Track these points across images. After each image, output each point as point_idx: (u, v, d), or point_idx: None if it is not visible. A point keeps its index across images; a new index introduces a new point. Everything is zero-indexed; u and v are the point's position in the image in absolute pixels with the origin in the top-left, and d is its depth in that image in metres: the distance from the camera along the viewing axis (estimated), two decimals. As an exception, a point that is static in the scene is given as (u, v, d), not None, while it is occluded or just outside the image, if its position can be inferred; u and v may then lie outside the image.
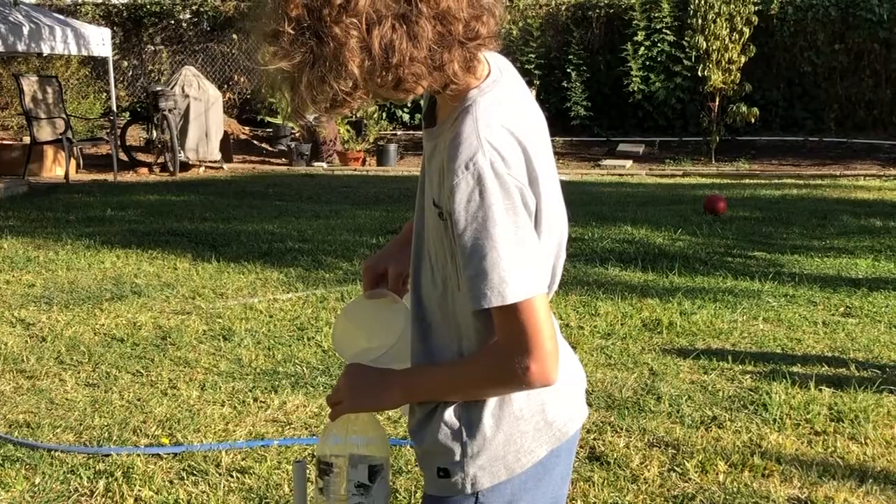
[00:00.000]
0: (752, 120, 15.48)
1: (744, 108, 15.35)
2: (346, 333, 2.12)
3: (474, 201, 1.66)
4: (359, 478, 2.04)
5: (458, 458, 1.86)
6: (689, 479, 3.49)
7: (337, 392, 1.97)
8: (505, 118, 1.72)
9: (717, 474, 3.52)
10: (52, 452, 3.76)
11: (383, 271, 2.09)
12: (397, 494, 3.33)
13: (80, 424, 4.09)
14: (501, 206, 1.66)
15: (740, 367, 4.82)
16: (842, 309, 5.99)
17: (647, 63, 17.28)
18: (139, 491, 3.39)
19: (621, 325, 5.61)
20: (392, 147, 16.49)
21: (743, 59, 15.44)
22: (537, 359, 1.71)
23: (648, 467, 3.58)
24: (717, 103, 15.76)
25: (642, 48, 17.23)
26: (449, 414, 1.83)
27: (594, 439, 3.87)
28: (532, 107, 1.83)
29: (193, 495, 3.36)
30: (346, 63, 1.55)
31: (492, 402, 1.84)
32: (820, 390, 4.45)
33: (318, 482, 2.10)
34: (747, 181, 13.96)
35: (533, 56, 17.49)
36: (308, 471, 2.11)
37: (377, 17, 1.55)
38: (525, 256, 1.69)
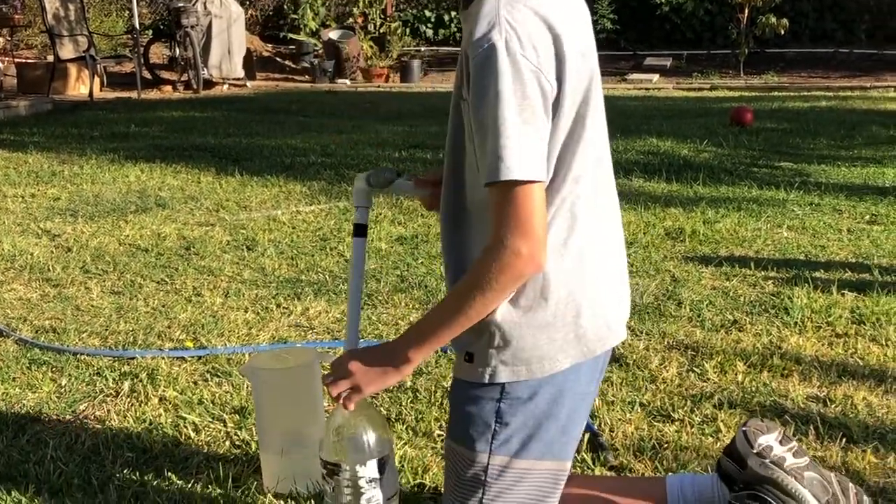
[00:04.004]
0: (782, 31, 15.19)
1: (773, 19, 15.06)
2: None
3: (484, 78, 1.64)
4: (369, 474, 2.05)
5: (483, 345, 1.87)
6: (708, 378, 3.50)
7: (341, 382, 1.92)
8: (533, 1, 1.69)
9: (736, 374, 3.53)
10: (78, 356, 3.81)
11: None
12: (417, 394, 3.36)
13: (106, 330, 4.14)
14: (509, 86, 1.62)
15: (763, 273, 4.80)
16: (867, 217, 5.94)
17: (675, -26, 16.95)
18: (164, 391, 3.44)
19: (644, 233, 5.59)
20: (416, 63, 16.35)
21: (773, -31, 15.10)
22: (528, 241, 1.68)
23: (667, 368, 3.60)
24: (745, 14, 15.45)
25: (670, -42, 16.89)
26: None
27: (614, 342, 3.88)
28: None
29: (217, 395, 3.40)
30: None
31: (525, 301, 1.83)
32: (843, 294, 4.43)
33: (326, 483, 2.11)
34: (775, 93, 13.76)
35: (558, -32, 17.18)
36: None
37: None
38: (527, 140, 1.65)
